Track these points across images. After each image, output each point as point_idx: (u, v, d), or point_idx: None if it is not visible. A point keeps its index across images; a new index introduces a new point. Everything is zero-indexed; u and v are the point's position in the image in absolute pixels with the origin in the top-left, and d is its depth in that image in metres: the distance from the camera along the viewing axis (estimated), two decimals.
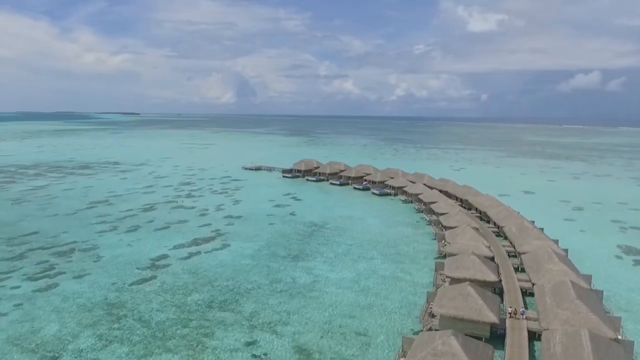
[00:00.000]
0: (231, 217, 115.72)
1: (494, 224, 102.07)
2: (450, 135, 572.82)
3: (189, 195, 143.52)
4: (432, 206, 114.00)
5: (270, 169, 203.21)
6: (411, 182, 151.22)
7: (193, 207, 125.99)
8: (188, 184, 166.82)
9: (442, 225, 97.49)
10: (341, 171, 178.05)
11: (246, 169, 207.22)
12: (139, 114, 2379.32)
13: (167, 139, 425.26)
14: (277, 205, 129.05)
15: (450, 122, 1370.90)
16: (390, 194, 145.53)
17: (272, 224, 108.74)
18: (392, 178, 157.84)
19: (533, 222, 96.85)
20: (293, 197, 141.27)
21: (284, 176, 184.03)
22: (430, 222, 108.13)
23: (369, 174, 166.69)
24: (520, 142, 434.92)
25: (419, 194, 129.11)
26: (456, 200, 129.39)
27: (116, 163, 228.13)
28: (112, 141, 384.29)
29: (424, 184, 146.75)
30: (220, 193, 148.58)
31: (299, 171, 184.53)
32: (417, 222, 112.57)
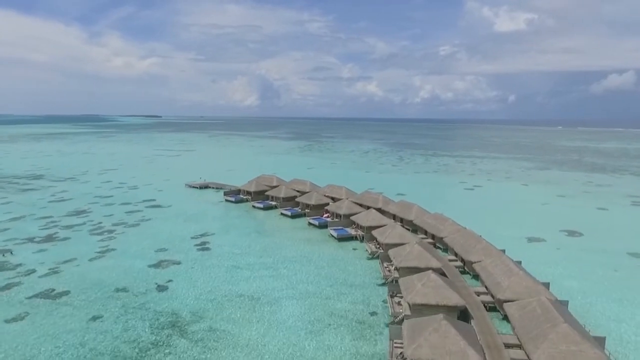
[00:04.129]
0: (53, 290, 66.34)
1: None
2: (471, 140, 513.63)
3: (62, 229, 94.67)
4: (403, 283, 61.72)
5: (218, 188, 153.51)
6: (393, 215, 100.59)
7: (20, 265, 76.83)
8: (84, 212, 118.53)
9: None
10: (301, 193, 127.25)
11: (190, 186, 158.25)
12: (160, 116, 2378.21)
13: (147, 144, 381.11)
14: (159, 264, 78.93)
15: (475, 125, 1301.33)
16: (357, 238, 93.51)
17: (98, 317, 58.32)
18: (367, 208, 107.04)
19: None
20: (202, 245, 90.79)
21: (226, 200, 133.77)
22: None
23: (337, 200, 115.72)
24: (552, 149, 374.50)
25: (388, 244, 77.59)
26: (455, 257, 77.18)
27: (38, 176, 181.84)
28: (79, 147, 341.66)
29: (405, 224, 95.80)
30: (105, 232, 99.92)
31: (247, 193, 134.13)
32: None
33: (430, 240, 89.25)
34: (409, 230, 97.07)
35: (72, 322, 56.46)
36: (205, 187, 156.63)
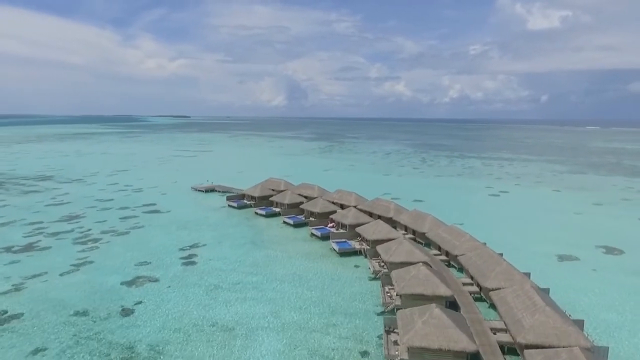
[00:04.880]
0: (5, 312, 59.05)
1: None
2: (500, 141, 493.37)
3: (47, 236, 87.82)
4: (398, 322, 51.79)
5: (224, 192, 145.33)
6: (405, 226, 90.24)
7: None
8: (77, 217, 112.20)
9: None
10: (308, 199, 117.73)
11: (195, 189, 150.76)
12: (189, 116, 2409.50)
13: (168, 145, 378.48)
14: (134, 281, 70.59)
15: (505, 125, 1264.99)
16: (361, 252, 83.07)
17: (41, 350, 50.30)
18: (378, 217, 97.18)
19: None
20: (188, 258, 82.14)
21: (229, 205, 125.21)
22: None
23: (345, 208, 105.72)
24: (587, 150, 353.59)
25: (393, 263, 67.31)
26: (471, 280, 66.14)
27: (46, 178, 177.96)
28: (99, 147, 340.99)
29: (418, 237, 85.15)
30: (90, 240, 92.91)
31: (252, 198, 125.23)
32: None
33: (443, 257, 78.12)
34: (421, 244, 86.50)
35: (7, 356, 48.15)
36: (211, 190, 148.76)
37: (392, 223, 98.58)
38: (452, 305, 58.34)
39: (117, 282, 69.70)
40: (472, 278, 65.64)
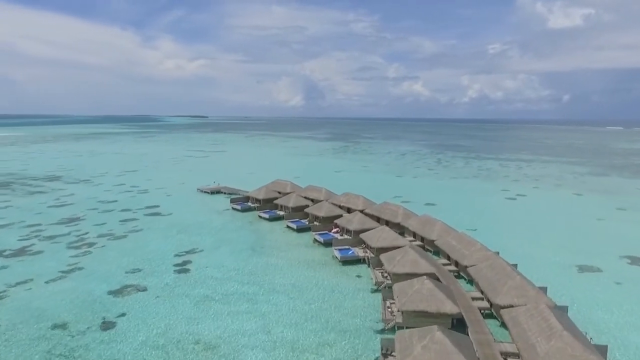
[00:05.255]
0: None
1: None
2: (520, 141, 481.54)
3: (42, 240, 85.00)
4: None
5: (230, 193, 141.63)
6: (414, 232, 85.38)
7: None
8: (77, 220, 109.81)
9: None
10: (314, 201, 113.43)
11: (201, 191, 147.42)
12: (207, 117, 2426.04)
13: (182, 145, 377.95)
14: (122, 290, 66.95)
15: (525, 125, 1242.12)
16: (364, 261, 78.04)
17: None
18: (386, 223, 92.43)
19: None
20: (183, 265, 78.21)
21: (232, 207, 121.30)
22: None
23: (351, 211, 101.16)
24: (609, 151, 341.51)
25: (396, 274, 62.30)
26: (481, 294, 60.53)
27: (54, 178, 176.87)
28: (113, 147, 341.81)
29: (427, 245, 79.92)
30: (85, 245, 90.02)
31: (256, 200, 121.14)
32: None
33: (453, 267, 72.60)
34: (430, 251, 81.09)
35: None
36: (217, 192, 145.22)
37: (400, 229, 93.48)
38: (459, 322, 53.10)
39: (104, 291, 66.00)
40: (482, 292, 60.05)
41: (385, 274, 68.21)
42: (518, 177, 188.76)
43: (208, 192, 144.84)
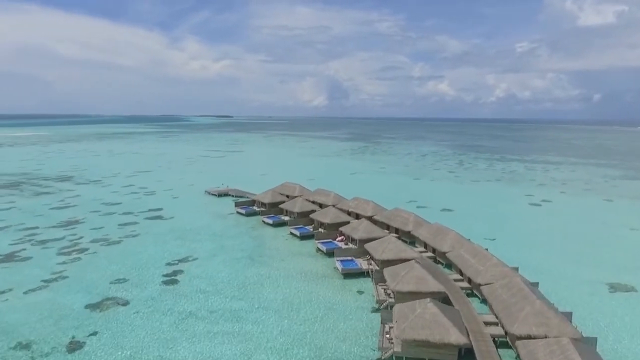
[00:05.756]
0: None
1: None
2: (547, 142, 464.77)
3: (34, 245, 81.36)
4: None
5: (237, 196, 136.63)
6: (425, 243, 78.61)
7: None
8: (75, 223, 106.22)
9: None
10: (322, 206, 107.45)
11: (209, 193, 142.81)
12: (231, 116, 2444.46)
13: (201, 144, 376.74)
14: (101, 303, 62.03)
15: (554, 125, 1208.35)
16: (368, 274, 71.26)
17: None
18: (395, 231, 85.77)
19: None
20: (173, 275, 73.00)
21: (237, 212, 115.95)
22: None
23: (360, 218, 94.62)
24: None
25: (400, 292, 55.53)
26: (496, 319, 52.81)
27: (66, 178, 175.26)
28: (133, 147, 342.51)
29: (438, 257, 72.81)
30: (76, 251, 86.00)
31: (262, 204, 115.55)
32: None
33: (465, 284, 65.15)
34: (442, 264, 73.75)
35: None
36: (224, 194, 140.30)
37: (411, 238, 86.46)
38: (467, 353, 46.00)
39: (81, 304, 61.09)
40: (497, 317, 52.59)
41: (389, 291, 61.30)
42: (544, 181, 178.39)
43: (215, 195, 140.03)
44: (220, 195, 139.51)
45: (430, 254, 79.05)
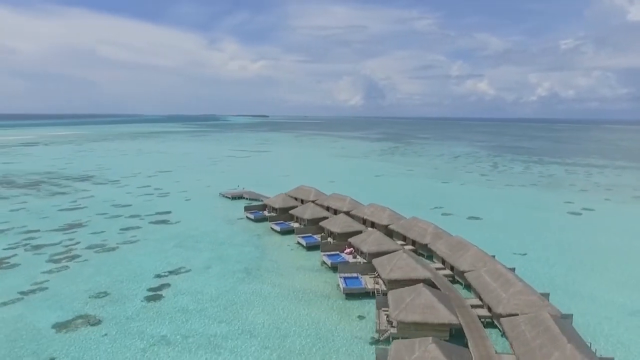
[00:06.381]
0: None
1: None
2: (592, 143, 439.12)
3: (28, 250, 77.41)
4: None
5: (252, 199, 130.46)
6: (443, 259, 69.74)
7: None
8: (78, 226, 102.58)
9: None
10: (337, 212, 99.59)
11: (223, 196, 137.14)
12: (267, 116, 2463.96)
13: (229, 144, 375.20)
14: (70, 323, 56.43)
15: (600, 125, 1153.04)
16: (373, 294, 62.59)
17: None
18: (412, 243, 77.09)
19: None
20: (158, 289, 66.94)
21: (246, 217, 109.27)
22: None
23: (375, 225, 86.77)
24: None
25: (403, 323, 46.73)
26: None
27: (86, 178, 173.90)
28: (161, 146, 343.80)
29: (457, 276, 63.44)
30: (67, 258, 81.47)
31: (273, 209, 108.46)
32: None
33: (485, 311, 55.51)
34: (461, 285, 64.31)
35: None
36: (238, 197, 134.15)
37: (428, 251, 77.05)
38: None
39: (49, 322, 55.31)
40: (513, 350, 43.07)
41: (391, 322, 52.51)
42: (586, 187, 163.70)
43: (229, 198, 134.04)
44: (234, 198, 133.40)
45: (447, 271, 69.58)
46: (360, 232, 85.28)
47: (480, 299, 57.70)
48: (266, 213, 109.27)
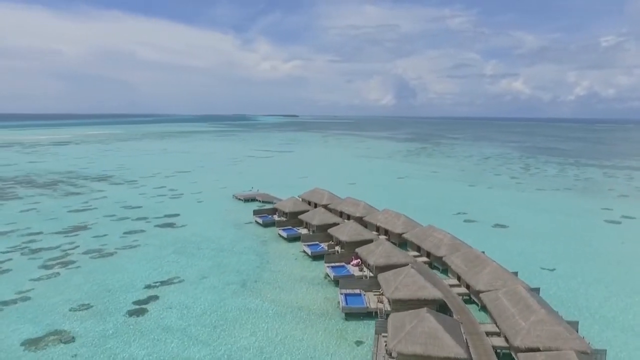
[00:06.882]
0: None
1: None
2: (633, 144, 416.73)
3: (24, 254, 74.64)
4: None
5: (265, 201, 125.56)
6: (458, 275, 62.75)
7: None
8: (82, 229, 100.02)
9: None
10: (350, 218, 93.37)
11: (236, 198, 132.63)
12: (297, 116, 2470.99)
13: (254, 143, 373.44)
14: (41, 340, 52.44)
15: None
16: (376, 315, 55.94)
17: None
18: (427, 255, 70.41)
19: None
20: (144, 302, 62.18)
21: (255, 221, 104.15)
22: None
23: (389, 233, 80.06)
24: None
25: (403, 355, 39.96)
26: None
27: (104, 178, 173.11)
28: (186, 146, 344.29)
29: (473, 295, 56.01)
30: (60, 264, 78.09)
31: (283, 213, 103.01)
32: None
33: (502, 341, 48.10)
34: (476, 306, 57.04)
35: None
36: (251, 199, 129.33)
37: (443, 264, 69.76)
38: None
39: (20, 338, 51.35)
40: None
41: (389, 353, 45.77)
42: (627, 192, 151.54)
43: (242, 200, 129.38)
44: (247, 200, 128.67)
45: (463, 289, 62.21)
46: (370, 241, 78.56)
47: (497, 326, 50.21)
48: (276, 217, 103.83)
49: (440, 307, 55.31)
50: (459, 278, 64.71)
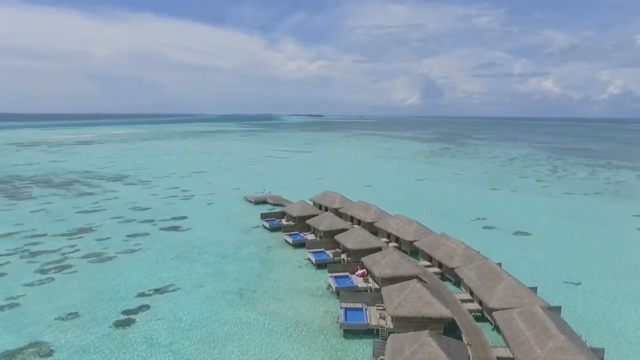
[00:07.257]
0: None
1: None
2: None
3: (22, 257, 72.94)
4: None
5: (276, 204, 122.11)
6: (471, 289, 57.63)
7: None
8: (87, 230, 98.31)
9: None
10: (361, 223, 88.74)
11: (247, 200, 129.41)
12: (322, 115, 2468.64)
13: (274, 143, 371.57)
14: (21, 352, 49.25)
15: None
16: (378, 332, 51.16)
17: None
18: (439, 266, 65.51)
19: None
20: (133, 313, 59.10)
21: (262, 225, 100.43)
22: None
23: (399, 241, 75.43)
24: None
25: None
26: None
27: (120, 178, 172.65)
28: (206, 146, 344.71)
29: (486, 312, 50.58)
30: (55, 268, 75.89)
31: (292, 218, 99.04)
32: None
33: None
34: (490, 324, 51.82)
35: None
36: (262, 202, 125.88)
37: (456, 277, 64.44)
38: None
39: (2, 349, 48.30)
40: None
41: None
42: None
43: (252, 202, 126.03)
44: (257, 202, 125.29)
45: (475, 305, 56.88)
46: (378, 249, 73.73)
47: (511, 351, 44.86)
48: (284, 221, 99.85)
49: (449, 325, 50.36)
50: (471, 292, 59.41)
